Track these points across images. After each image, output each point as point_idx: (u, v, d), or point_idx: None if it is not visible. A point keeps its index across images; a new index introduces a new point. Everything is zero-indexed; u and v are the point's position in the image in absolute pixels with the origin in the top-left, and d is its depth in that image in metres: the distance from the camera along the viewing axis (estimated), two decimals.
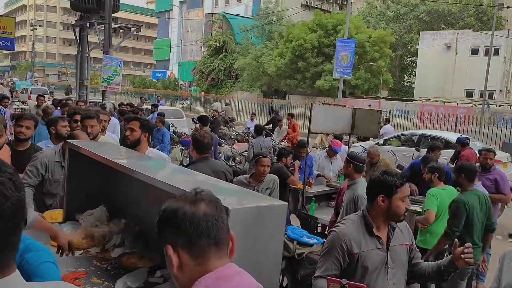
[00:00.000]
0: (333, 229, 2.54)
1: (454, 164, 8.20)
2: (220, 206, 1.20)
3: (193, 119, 16.19)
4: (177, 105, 34.83)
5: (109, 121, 5.64)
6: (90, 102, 13.18)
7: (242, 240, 1.68)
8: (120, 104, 13.05)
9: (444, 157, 8.37)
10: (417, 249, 2.64)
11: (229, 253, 1.20)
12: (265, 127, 15.38)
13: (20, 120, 4.01)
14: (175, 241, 1.14)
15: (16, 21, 16.00)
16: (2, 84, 32.85)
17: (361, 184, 4.09)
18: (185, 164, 9.44)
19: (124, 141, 3.69)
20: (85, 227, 2.82)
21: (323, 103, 5.86)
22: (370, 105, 19.75)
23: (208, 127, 8.78)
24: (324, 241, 2.82)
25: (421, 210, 4.88)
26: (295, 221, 5.83)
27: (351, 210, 3.87)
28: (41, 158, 3.55)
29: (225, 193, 2.12)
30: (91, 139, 3.83)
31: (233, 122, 18.30)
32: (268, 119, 17.05)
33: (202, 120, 8.66)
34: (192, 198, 1.17)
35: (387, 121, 15.37)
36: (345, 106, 6.47)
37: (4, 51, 75.39)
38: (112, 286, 2.33)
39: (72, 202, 3.14)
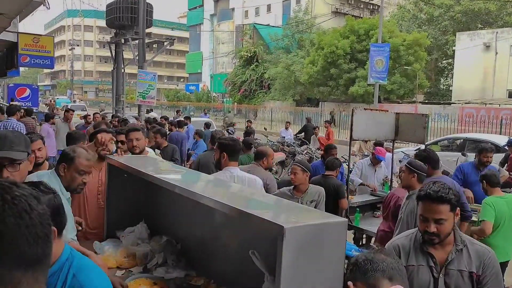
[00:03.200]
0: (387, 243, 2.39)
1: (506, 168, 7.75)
2: (398, 259, 1.72)
3: (227, 129, 16.18)
4: (210, 116, 35.13)
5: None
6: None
7: (299, 262, 1.51)
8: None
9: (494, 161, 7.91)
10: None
11: None
12: (298, 135, 15.13)
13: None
14: (354, 278, 1.55)
15: (55, 41, 16.53)
16: (46, 104, 34.06)
17: None
18: None
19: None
20: (126, 246, 2.72)
21: (365, 109, 5.59)
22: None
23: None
24: None
25: (476, 220, 4.54)
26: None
27: (412, 222, 3.60)
28: None
29: (276, 208, 1.95)
30: (136, 153, 3.71)
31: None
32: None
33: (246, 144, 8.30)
34: (374, 249, 1.62)
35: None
36: (387, 111, 6.20)
37: (45, 71, 78.79)
38: None
39: (112, 219, 3.05)
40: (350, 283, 1.55)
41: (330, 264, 1.58)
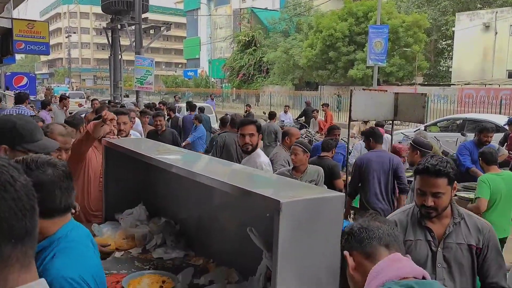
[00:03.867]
0: None
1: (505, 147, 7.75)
2: (393, 225, 1.60)
3: (226, 114, 16.15)
4: (208, 102, 34.96)
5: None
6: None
7: (296, 237, 1.51)
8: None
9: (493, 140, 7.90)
10: (501, 262, 2.16)
11: None
12: (298, 119, 15.10)
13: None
14: (350, 247, 1.50)
15: (51, 28, 16.33)
16: (45, 95, 33.88)
17: None
18: None
19: (243, 148, 3.61)
20: (125, 228, 2.72)
21: (364, 89, 5.57)
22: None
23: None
24: None
25: (473, 197, 4.56)
26: None
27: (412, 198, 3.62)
28: None
29: (274, 185, 1.94)
30: (123, 137, 3.70)
31: None
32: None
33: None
34: (369, 216, 1.59)
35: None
36: (386, 91, 6.17)
37: (42, 59, 78.26)
38: None
39: (110, 202, 3.05)
40: (346, 253, 1.50)
41: (327, 239, 1.58)
